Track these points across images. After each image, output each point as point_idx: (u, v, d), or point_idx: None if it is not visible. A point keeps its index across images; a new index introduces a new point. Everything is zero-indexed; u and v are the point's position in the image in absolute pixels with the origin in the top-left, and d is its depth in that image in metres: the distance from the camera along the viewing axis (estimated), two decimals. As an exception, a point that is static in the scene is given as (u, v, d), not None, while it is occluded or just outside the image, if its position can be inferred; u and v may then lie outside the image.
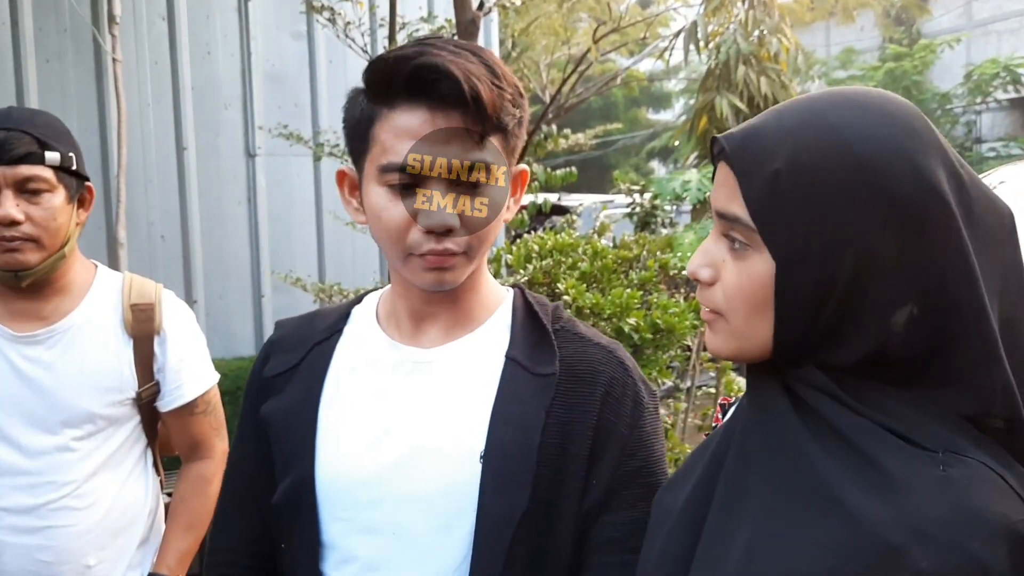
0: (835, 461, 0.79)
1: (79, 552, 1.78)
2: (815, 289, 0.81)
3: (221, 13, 5.25)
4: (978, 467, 0.77)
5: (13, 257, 1.70)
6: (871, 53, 21.06)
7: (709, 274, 0.89)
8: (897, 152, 0.80)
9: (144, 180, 4.93)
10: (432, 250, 1.11)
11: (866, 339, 0.81)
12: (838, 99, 0.85)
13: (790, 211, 0.81)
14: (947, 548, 0.72)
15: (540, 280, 3.63)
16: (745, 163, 0.84)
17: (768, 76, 6.96)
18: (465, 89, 1.07)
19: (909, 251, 0.80)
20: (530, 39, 12.61)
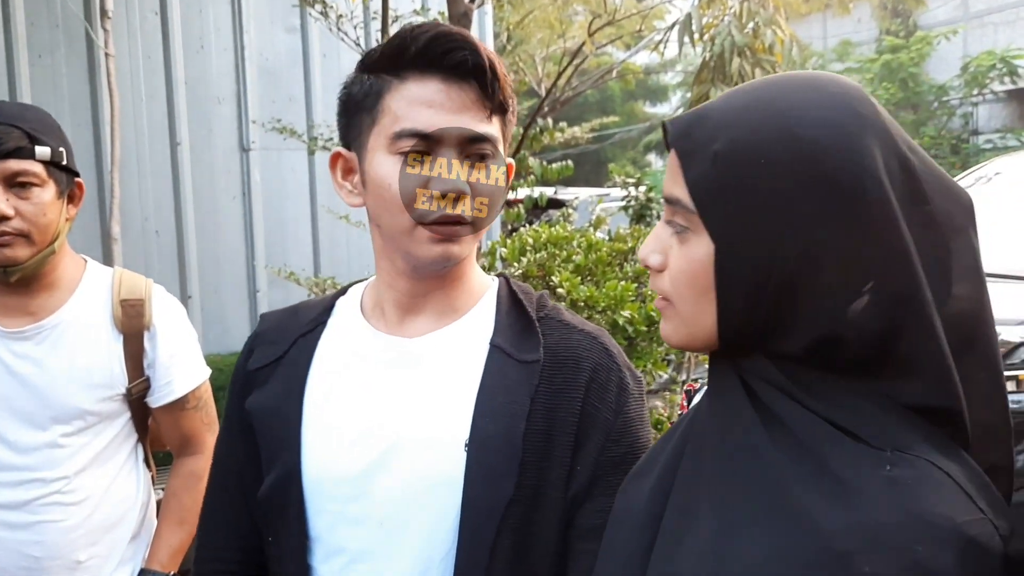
0: (787, 460, 0.79)
1: (70, 547, 1.78)
2: (754, 272, 0.81)
3: (214, 7, 5.24)
4: (925, 466, 0.76)
5: (1, 252, 1.69)
6: (868, 45, 21.05)
7: (658, 260, 0.89)
8: (838, 135, 0.79)
9: (138, 175, 4.92)
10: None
11: (811, 326, 0.81)
12: (786, 83, 0.85)
13: (729, 193, 0.81)
14: (892, 554, 0.72)
15: (534, 273, 3.63)
16: (687, 145, 0.84)
17: (763, 68, 6.95)
18: (484, 58, 1.11)
19: (849, 235, 0.79)
20: (525, 32, 12.59)
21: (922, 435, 0.79)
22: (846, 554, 0.73)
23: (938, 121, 19.43)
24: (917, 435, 0.79)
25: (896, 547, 0.72)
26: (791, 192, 0.79)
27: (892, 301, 0.80)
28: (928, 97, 19.13)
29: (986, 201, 4.57)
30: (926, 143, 19.35)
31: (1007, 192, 4.45)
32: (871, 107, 0.83)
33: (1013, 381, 3.28)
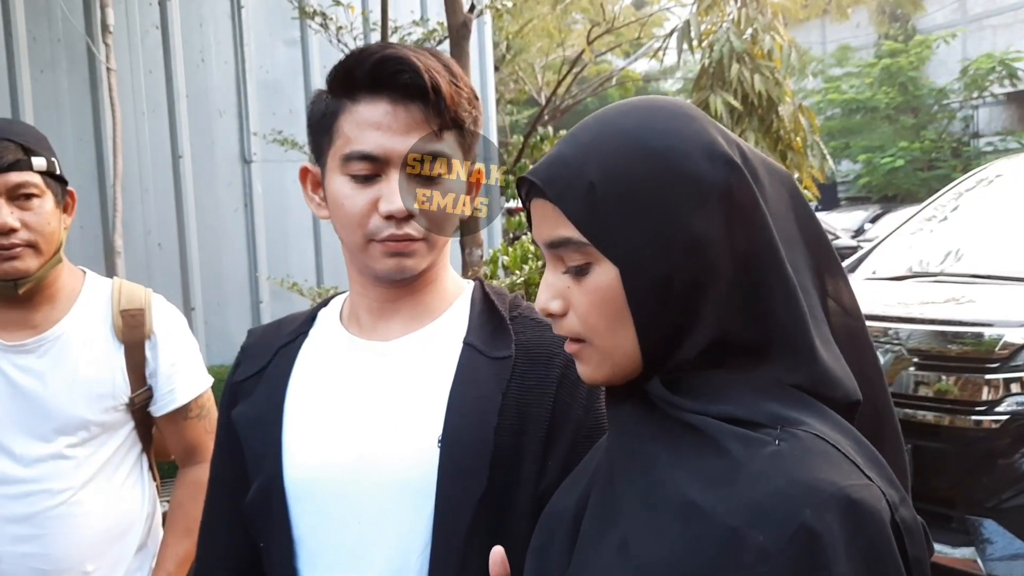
0: (683, 463, 0.83)
1: (76, 559, 1.78)
2: (661, 283, 0.85)
3: (214, 21, 5.27)
4: (810, 438, 0.79)
5: (12, 265, 1.70)
6: (867, 50, 21.09)
7: (559, 305, 0.91)
8: (686, 137, 0.86)
9: (140, 188, 4.94)
10: (392, 235, 1.15)
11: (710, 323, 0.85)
12: (621, 111, 0.91)
13: (615, 216, 0.85)
14: (781, 521, 0.74)
15: (536, 281, 3.64)
16: (558, 187, 0.88)
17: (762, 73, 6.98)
18: (426, 79, 1.13)
19: (727, 226, 0.85)
20: (524, 41, 12.63)
21: (809, 411, 0.83)
22: (737, 530, 0.76)
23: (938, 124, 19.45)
24: (806, 412, 0.83)
25: (782, 514, 0.74)
26: (664, 198, 0.84)
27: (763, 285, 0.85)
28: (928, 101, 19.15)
29: (988, 203, 4.59)
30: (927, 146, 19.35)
31: (1008, 194, 4.46)
32: (696, 110, 0.91)
33: (1018, 383, 3.28)
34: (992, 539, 3.32)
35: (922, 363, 3.59)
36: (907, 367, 3.65)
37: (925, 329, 3.64)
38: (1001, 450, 3.35)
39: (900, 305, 3.83)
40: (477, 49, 6.03)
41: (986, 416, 3.40)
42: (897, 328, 3.70)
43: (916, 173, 18.50)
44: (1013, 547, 3.26)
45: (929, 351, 3.57)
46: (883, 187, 18.87)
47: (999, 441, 3.36)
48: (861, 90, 19.94)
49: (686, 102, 0.93)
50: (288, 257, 5.46)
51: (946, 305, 3.73)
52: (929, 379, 3.59)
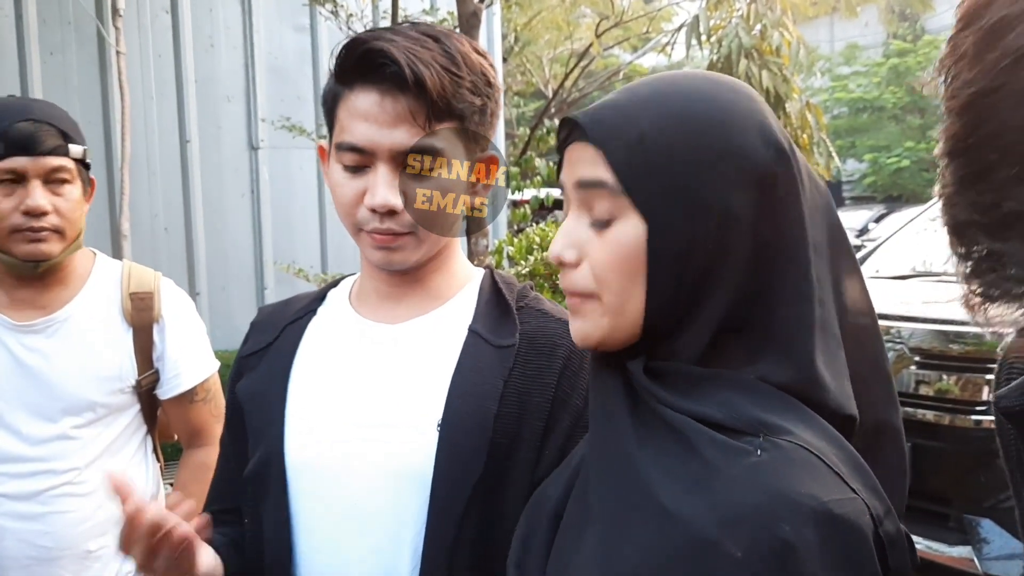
0: (659, 463, 0.81)
1: (80, 538, 1.79)
2: (682, 249, 0.83)
3: (224, 6, 5.27)
4: (794, 449, 0.77)
5: (38, 248, 1.72)
6: (875, 49, 21.02)
7: (573, 255, 0.89)
8: (745, 115, 0.85)
9: (147, 172, 4.95)
10: (376, 228, 1.16)
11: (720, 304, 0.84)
12: (683, 75, 0.91)
13: (657, 172, 0.83)
14: (757, 533, 0.72)
15: (541, 272, 3.65)
16: (605, 130, 0.86)
17: (770, 70, 6.96)
18: (407, 73, 1.10)
19: (760, 211, 0.83)
20: (533, 33, 12.60)
21: (797, 418, 0.80)
22: (713, 540, 0.73)
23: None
24: (790, 417, 0.80)
25: (760, 527, 0.72)
26: (710, 167, 0.83)
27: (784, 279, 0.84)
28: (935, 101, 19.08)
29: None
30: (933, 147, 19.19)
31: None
32: (758, 95, 0.90)
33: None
34: (989, 538, 3.33)
35: (923, 362, 3.60)
36: (908, 366, 3.66)
37: (927, 328, 3.65)
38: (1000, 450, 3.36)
39: (902, 304, 3.84)
40: (486, 40, 6.03)
41: (986, 416, 3.41)
42: (899, 327, 3.71)
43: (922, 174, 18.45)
44: (1010, 546, 3.27)
45: (930, 350, 3.58)
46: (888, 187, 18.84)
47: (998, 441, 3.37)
48: (868, 89, 19.89)
49: (748, 86, 0.92)
50: (294, 243, 5.47)
51: (948, 305, 3.73)
52: (930, 378, 3.60)
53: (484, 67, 1.18)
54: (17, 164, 1.68)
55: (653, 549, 0.77)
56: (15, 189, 1.69)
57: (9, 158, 1.68)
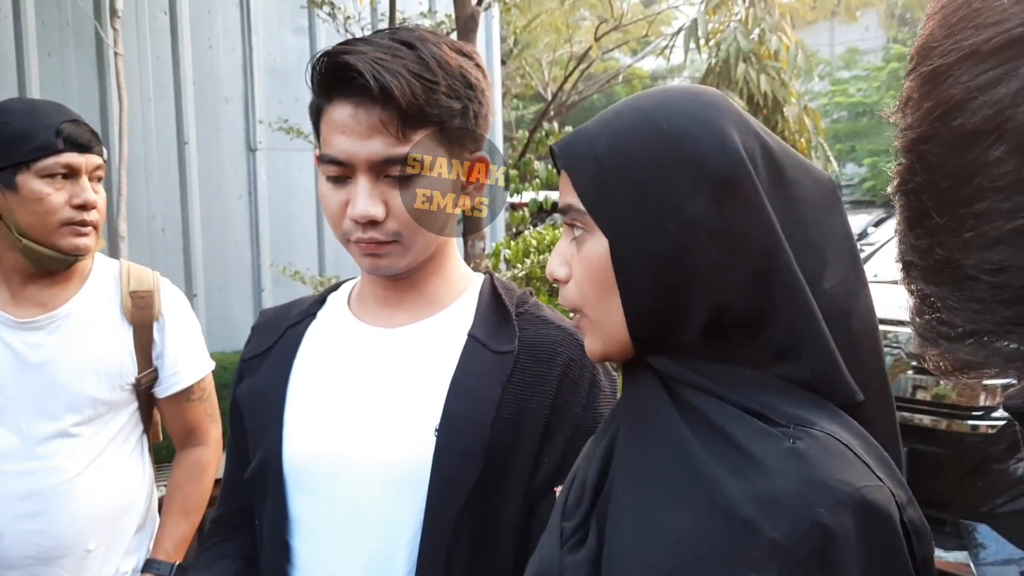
0: (699, 443, 0.84)
1: (78, 537, 1.80)
2: (646, 260, 0.87)
3: (223, 7, 5.27)
4: (825, 438, 0.80)
5: (84, 242, 1.78)
6: (875, 53, 21.05)
7: (564, 271, 0.94)
8: (699, 122, 0.88)
9: (145, 174, 4.95)
10: (359, 239, 1.17)
11: (701, 310, 0.86)
12: (650, 92, 0.94)
13: (613, 189, 0.88)
14: (795, 517, 0.75)
15: (538, 275, 3.65)
16: (571, 157, 0.92)
17: (768, 74, 6.98)
18: (372, 85, 1.11)
19: (719, 213, 0.85)
20: (532, 36, 12.62)
21: (822, 411, 0.84)
22: (751, 522, 0.76)
23: (945, 130, 19.38)
24: (817, 411, 0.83)
25: (797, 511, 0.75)
26: (663, 178, 0.86)
27: (765, 278, 0.86)
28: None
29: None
30: (932, 152, 19.17)
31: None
32: (725, 100, 0.92)
33: (1014, 388, 3.29)
34: (985, 543, 3.34)
35: (920, 367, 3.61)
36: (905, 370, 3.67)
37: (924, 333, 3.65)
38: (996, 455, 3.37)
39: (900, 309, 3.84)
40: (484, 43, 6.04)
41: (982, 421, 3.42)
42: (896, 331, 3.71)
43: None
44: (1006, 552, 3.28)
45: (928, 355, 3.59)
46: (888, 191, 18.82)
47: (994, 446, 3.38)
48: (868, 93, 19.91)
49: (719, 93, 0.94)
50: (291, 245, 5.47)
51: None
52: (927, 383, 3.61)
53: (465, 69, 1.18)
54: (72, 159, 1.75)
55: (694, 526, 0.80)
56: (65, 184, 1.75)
57: (65, 154, 1.74)
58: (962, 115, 0.45)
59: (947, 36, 0.47)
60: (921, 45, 0.50)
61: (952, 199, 0.46)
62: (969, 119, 0.45)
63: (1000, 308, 0.45)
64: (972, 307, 0.46)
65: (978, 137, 0.44)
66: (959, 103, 0.45)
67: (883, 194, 5.64)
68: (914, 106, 0.50)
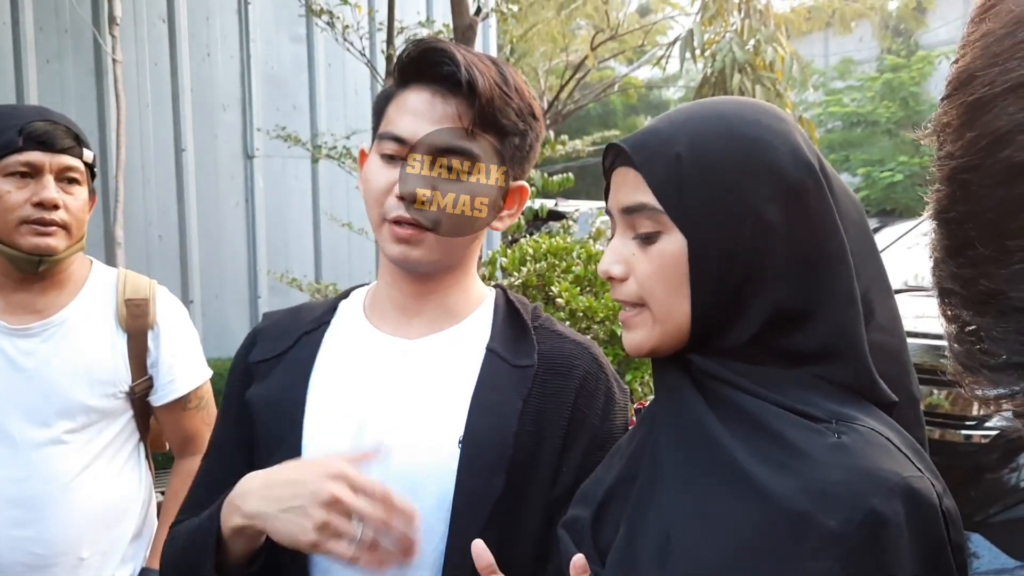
0: (741, 442, 0.87)
1: (72, 544, 1.79)
2: (721, 259, 0.90)
3: (221, 15, 5.29)
4: (868, 432, 0.84)
5: (46, 242, 1.75)
6: (869, 64, 21.11)
7: (621, 270, 0.96)
8: (775, 132, 0.92)
9: (142, 180, 4.95)
10: (401, 216, 1.17)
11: (764, 308, 0.90)
12: (717, 100, 0.98)
13: (693, 189, 0.90)
14: (850, 506, 0.79)
15: (534, 283, 3.66)
16: (645, 155, 0.93)
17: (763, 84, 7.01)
18: (463, 74, 1.15)
19: (794, 221, 0.89)
20: (528, 45, 12.65)
21: (860, 408, 0.88)
22: (805, 513, 0.79)
23: (938, 140, 19.43)
24: (855, 408, 0.87)
25: (851, 500, 0.79)
26: (743, 181, 0.89)
27: (825, 282, 0.90)
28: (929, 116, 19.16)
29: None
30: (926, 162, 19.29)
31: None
32: (789, 116, 0.97)
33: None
34: (979, 553, 3.35)
35: (914, 376, 3.62)
36: (899, 380, 3.68)
37: (918, 343, 3.66)
38: (989, 465, 3.38)
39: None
40: (481, 51, 6.05)
41: (976, 431, 3.43)
42: (890, 341, 3.73)
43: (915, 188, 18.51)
44: (999, 561, 3.29)
45: (921, 365, 3.59)
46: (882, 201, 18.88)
47: (988, 456, 3.39)
48: (862, 104, 19.96)
49: (780, 109, 0.98)
50: (288, 252, 5.47)
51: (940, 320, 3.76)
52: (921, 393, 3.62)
53: (533, 101, 1.24)
54: (34, 158, 1.73)
55: (744, 524, 0.83)
56: (28, 183, 1.74)
57: (27, 152, 1.72)
58: (1010, 147, 0.45)
59: (991, 65, 0.47)
60: (961, 71, 0.50)
61: (998, 230, 0.46)
62: (1017, 152, 0.44)
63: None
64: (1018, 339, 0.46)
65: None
66: (1006, 135, 0.45)
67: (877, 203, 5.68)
68: (954, 134, 0.49)
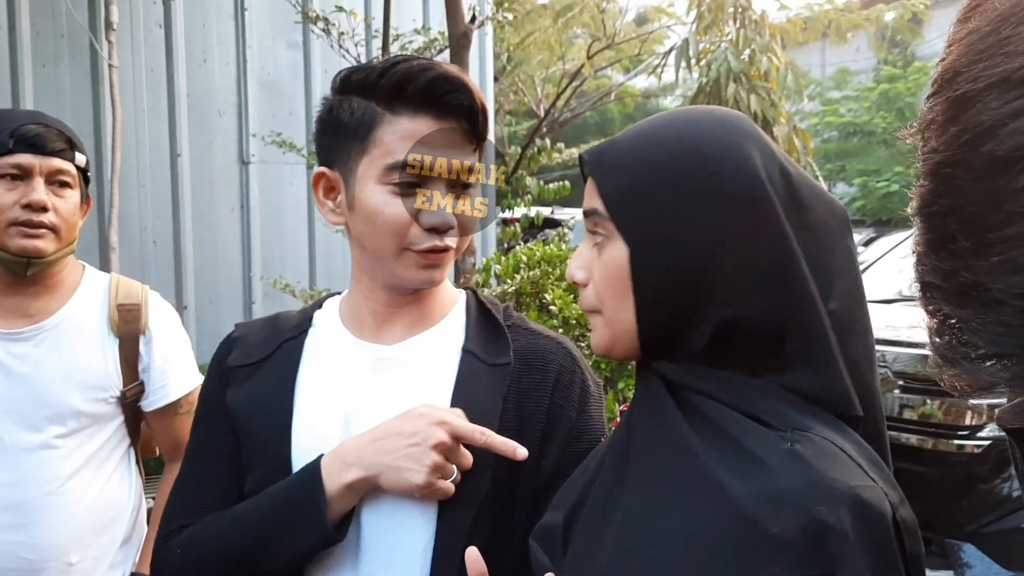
0: (705, 445, 0.88)
1: (62, 550, 1.79)
2: (664, 268, 0.91)
3: (217, 21, 5.29)
4: (821, 442, 0.85)
5: (33, 244, 1.75)
6: (865, 74, 21.19)
7: (583, 275, 0.99)
8: (722, 143, 0.92)
9: (137, 185, 4.95)
10: (434, 247, 1.20)
11: (713, 319, 0.90)
12: (680, 112, 1.00)
13: (634, 199, 0.92)
14: (797, 513, 0.80)
15: (528, 290, 3.66)
16: (601, 165, 0.96)
17: (758, 94, 7.04)
18: (477, 100, 1.20)
19: (740, 231, 0.89)
20: (525, 54, 12.67)
21: (819, 419, 0.89)
22: (754, 518, 0.81)
23: (934, 151, 19.48)
24: (814, 418, 0.88)
25: (798, 508, 0.80)
26: (687, 193, 0.90)
27: (781, 295, 0.90)
28: (924, 125, 19.21)
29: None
30: (922, 172, 19.29)
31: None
32: (750, 125, 0.96)
33: (1000, 408, 3.31)
34: (971, 563, 3.35)
35: (907, 386, 3.63)
36: (892, 390, 3.69)
37: (911, 352, 3.68)
38: (982, 475, 3.39)
39: (888, 328, 3.87)
40: (478, 60, 6.07)
41: (968, 441, 3.44)
42: (884, 351, 3.73)
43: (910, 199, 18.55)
44: (991, 572, 3.29)
45: (915, 375, 3.61)
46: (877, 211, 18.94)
47: (980, 466, 3.39)
48: (859, 114, 20.03)
49: (746, 118, 0.98)
50: (282, 258, 5.47)
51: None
52: (914, 402, 3.63)
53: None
54: (24, 160, 1.74)
55: (698, 521, 0.84)
56: (18, 185, 1.75)
57: (17, 154, 1.73)
58: (992, 141, 0.45)
59: (975, 62, 0.47)
60: (946, 69, 0.50)
61: (979, 223, 0.47)
62: (999, 145, 0.45)
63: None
64: (997, 330, 0.46)
65: (1009, 163, 0.45)
66: (988, 129, 0.46)
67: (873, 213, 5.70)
68: (938, 130, 0.50)
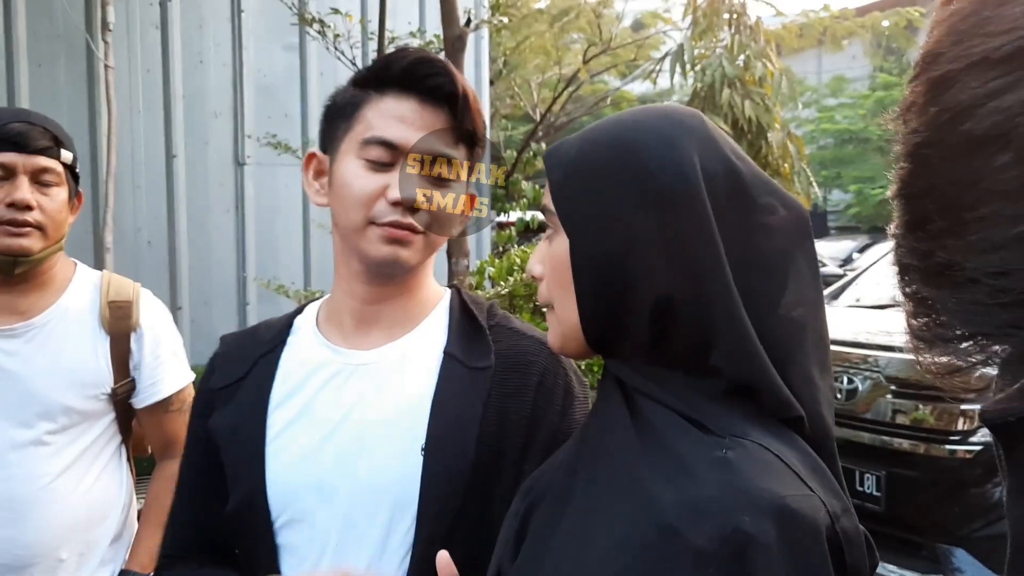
0: (644, 451, 0.87)
1: (52, 546, 1.79)
2: (598, 261, 0.91)
3: (214, 23, 5.30)
4: (755, 448, 0.83)
5: (18, 242, 1.74)
6: (861, 81, 21.26)
7: (540, 269, 1.00)
8: (658, 137, 0.91)
9: (132, 186, 4.95)
10: (396, 221, 1.18)
11: (644, 316, 0.89)
12: (636, 109, 0.99)
13: (574, 192, 0.94)
14: (718, 523, 0.77)
15: (521, 293, 3.67)
16: (552, 161, 0.98)
17: (752, 100, 7.05)
18: (458, 85, 1.19)
19: (664, 226, 0.88)
20: (521, 58, 12.69)
21: (759, 423, 0.86)
22: (675, 528, 0.79)
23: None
24: (754, 423, 0.86)
25: (719, 518, 0.77)
26: (615, 186, 0.90)
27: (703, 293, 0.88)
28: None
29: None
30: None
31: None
32: (698, 121, 0.95)
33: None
34: (962, 568, 3.35)
35: (899, 391, 3.63)
36: (885, 395, 3.69)
37: (904, 358, 3.68)
38: (974, 480, 3.39)
39: (881, 333, 3.87)
40: (474, 63, 6.08)
41: (960, 446, 3.44)
42: (877, 356, 3.74)
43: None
44: (982, 576, 3.29)
45: (907, 380, 3.61)
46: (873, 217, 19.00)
47: (972, 471, 3.39)
48: (854, 121, 20.09)
49: (697, 115, 0.97)
50: (276, 259, 5.47)
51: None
52: (906, 407, 3.63)
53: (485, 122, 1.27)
54: (7, 159, 1.73)
55: (628, 534, 0.83)
56: (2, 185, 1.74)
57: (0, 152, 1.72)
58: (970, 120, 0.45)
59: (956, 43, 0.48)
60: (928, 51, 0.50)
61: (955, 203, 0.47)
62: (977, 125, 0.45)
63: (1000, 311, 0.46)
64: (972, 310, 0.47)
65: (985, 143, 0.45)
66: (967, 108, 0.46)
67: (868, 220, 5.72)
68: (918, 111, 0.50)
